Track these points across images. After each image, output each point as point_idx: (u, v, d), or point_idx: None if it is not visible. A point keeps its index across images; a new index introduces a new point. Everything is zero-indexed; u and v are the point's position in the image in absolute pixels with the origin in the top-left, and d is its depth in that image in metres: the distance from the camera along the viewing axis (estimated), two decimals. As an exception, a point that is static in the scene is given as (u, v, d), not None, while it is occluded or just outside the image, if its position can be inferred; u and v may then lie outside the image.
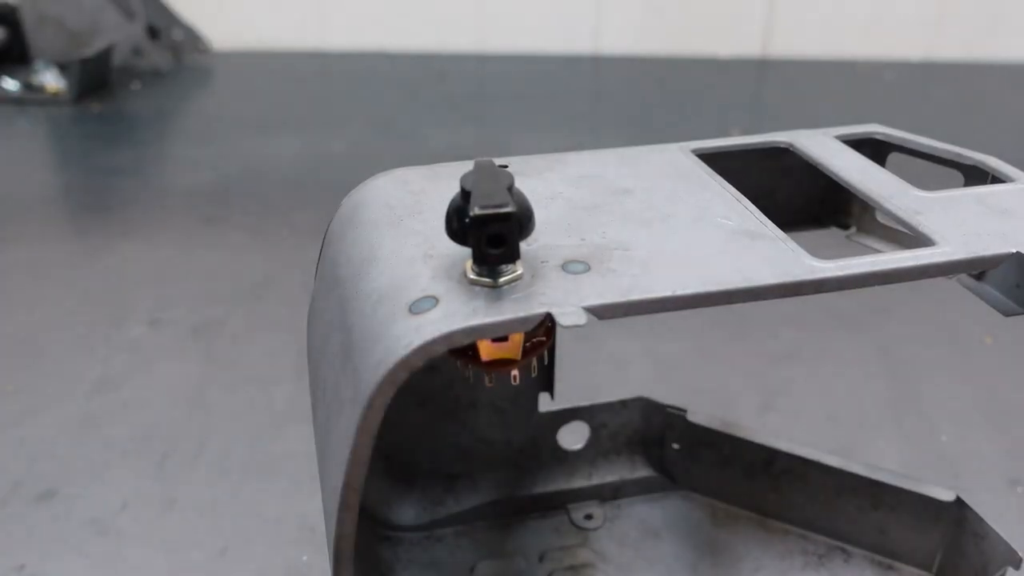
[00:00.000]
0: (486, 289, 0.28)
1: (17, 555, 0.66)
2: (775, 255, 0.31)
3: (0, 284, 1.09)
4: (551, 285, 0.28)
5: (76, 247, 1.22)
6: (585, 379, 0.84)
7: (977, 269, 0.33)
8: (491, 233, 0.27)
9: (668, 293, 0.28)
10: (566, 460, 0.61)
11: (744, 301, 0.29)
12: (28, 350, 0.94)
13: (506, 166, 0.35)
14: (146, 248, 1.19)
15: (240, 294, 1.06)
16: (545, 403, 0.59)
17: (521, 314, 0.27)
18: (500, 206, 0.27)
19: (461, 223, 0.27)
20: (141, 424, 0.81)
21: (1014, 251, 0.32)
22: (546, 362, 0.57)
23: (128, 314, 1.01)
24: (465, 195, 0.27)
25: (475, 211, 0.26)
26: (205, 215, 1.30)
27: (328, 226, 0.40)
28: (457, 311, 0.27)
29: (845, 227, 0.49)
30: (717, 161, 0.43)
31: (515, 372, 0.32)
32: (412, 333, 0.26)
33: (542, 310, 0.27)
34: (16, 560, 0.66)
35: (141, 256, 1.17)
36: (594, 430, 0.61)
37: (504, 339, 0.30)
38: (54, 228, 1.28)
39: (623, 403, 0.61)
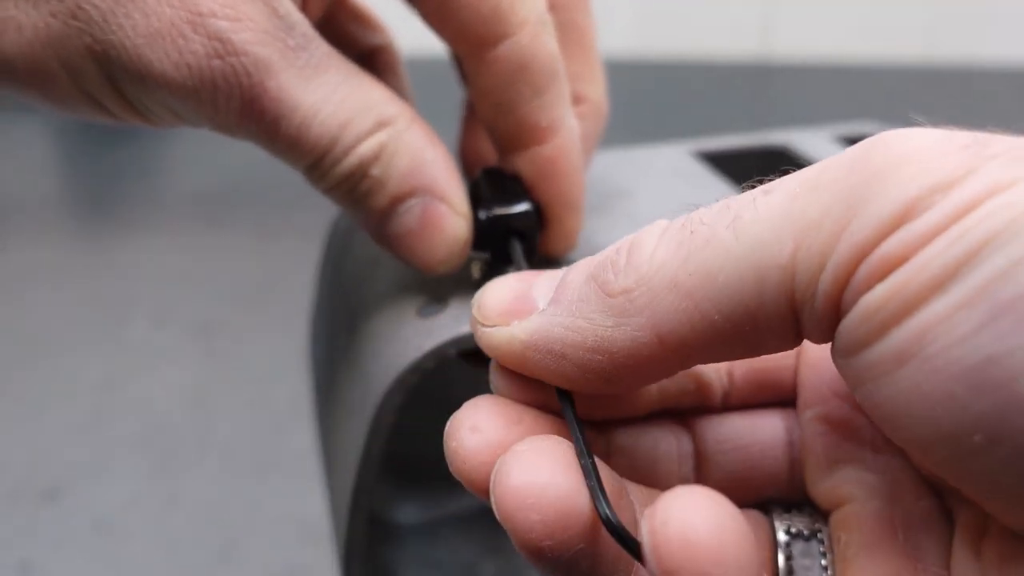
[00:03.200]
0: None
1: (21, 552, 0.67)
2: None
3: (2, 284, 1.09)
4: (559, 287, 0.29)
5: (78, 247, 1.22)
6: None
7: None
8: (511, 231, 0.27)
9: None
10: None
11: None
12: (31, 350, 0.94)
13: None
14: (148, 248, 1.19)
15: (243, 294, 1.06)
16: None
17: None
18: (518, 203, 0.27)
19: (476, 227, 0.27)
20: (144, 423, 0.82)
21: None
22: None
23: (131, 314, 1.01)
24: (475, 199, 0.27)
25: (495, 211, 0.27)
26: (208, 215, 1.30)
27: (331, 226, 0.40)
28: (466, 314, 0.27)
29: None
30: (716, 161, 0.43)
31: None
32: (422, 336, 0.26)
33: None
34: (20, 557, 0.66)
35: (143, 256, 1.17)
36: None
37: None
38: (56, 228, 1.28)
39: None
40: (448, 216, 0.26)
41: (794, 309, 0.17)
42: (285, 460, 0.76)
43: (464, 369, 0.31)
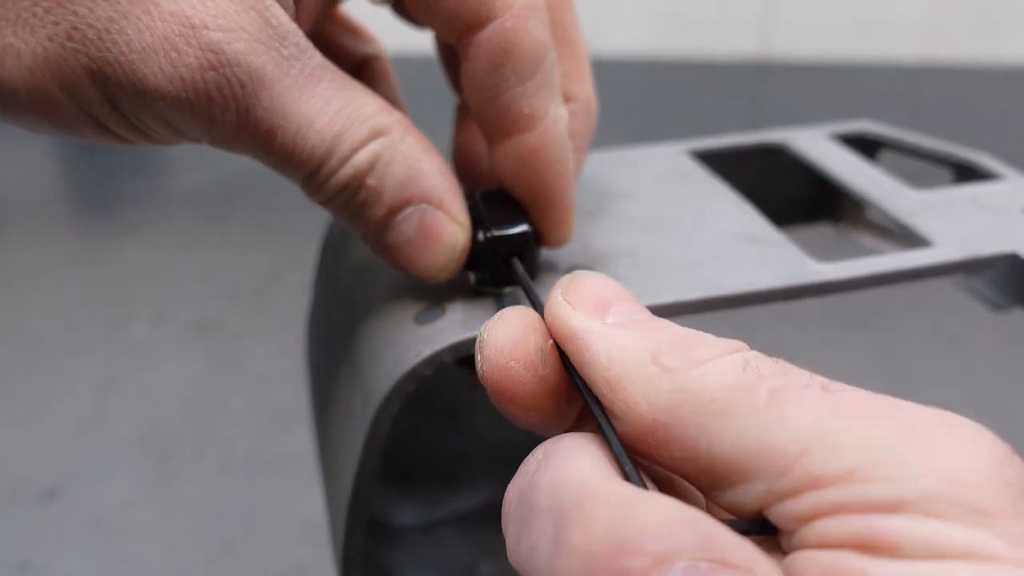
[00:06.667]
0: (492, 298, 0.28)
1: (20, 553, 0.67)
2: (776, 258, 0.32)
3: (3, 284, 1.09)
4: (558, 292, 0.28)
5: (78, 247, 1.22)
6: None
7: (974, 270, 0.33)
8: (510, 253, 0.27)
9: (673, 299, 0.29)
10: (566, 458, 0.61)
11: (747, 305, 0.29)
12: (31, 350, 0.94)
13: None
14: (148, 248, 1.19)
15: (242, 293, 1.06)
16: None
17: None
18: (516, 224, 0.27)
19: (474, 247, 0.27)
20: (143, 423, 0.82)
21: (1010, 251, 0.32)
22: None
23: (130, 314, 1.01)
24: (474, 221, 0.27)
25: (493, 232, 0.27)
26: (207, 214, 1.29)
27: (326, 230, 0.40)
28: (464, 320, 0.27)
29: (835, 222, 0.50)
30: (713, 161, 0.43)
31: None
32: (421, 343, 0.26)
33: None
34: (20, 557, 0.66)
35: (143, 256, 1.17)
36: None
37: None
38: (56, 228, 1.28)
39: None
40: (446, 224, 0.26)
41: None
42: (285, 460, 0.76)
43: (463, 374, 0.31)
